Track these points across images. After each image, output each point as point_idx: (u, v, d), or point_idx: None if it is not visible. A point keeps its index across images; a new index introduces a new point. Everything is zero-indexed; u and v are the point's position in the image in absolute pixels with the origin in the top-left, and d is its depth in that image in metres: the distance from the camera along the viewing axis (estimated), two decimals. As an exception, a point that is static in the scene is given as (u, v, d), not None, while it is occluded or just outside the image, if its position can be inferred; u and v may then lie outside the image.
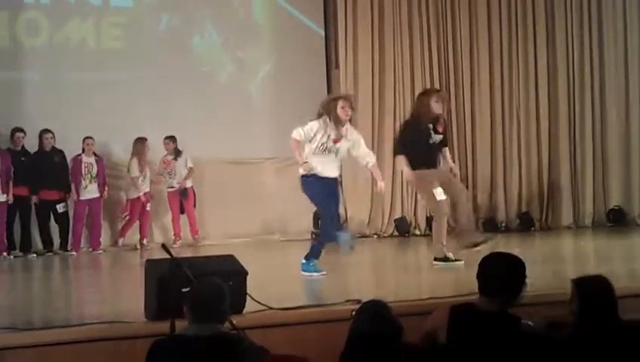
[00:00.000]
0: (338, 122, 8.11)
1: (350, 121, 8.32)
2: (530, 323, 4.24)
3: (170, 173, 12.59)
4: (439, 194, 8.64)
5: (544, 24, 14.23)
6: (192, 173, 12.60)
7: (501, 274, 4.25)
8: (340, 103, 8.17)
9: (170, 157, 12.60)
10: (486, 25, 14.02)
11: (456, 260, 8.46)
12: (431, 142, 8.75)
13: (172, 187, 12.59)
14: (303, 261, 8.13)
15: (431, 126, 8.76)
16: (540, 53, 14.18)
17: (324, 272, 8.02)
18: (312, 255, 8.13)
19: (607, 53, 14.36)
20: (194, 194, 12.64)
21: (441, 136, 8.85)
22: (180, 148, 12.58)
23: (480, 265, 4.32)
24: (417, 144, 8.71)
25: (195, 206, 12.63)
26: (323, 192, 8.14)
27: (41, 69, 12.45)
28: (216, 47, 13.32)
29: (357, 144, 8.35)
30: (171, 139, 12.57)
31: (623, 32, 14.38)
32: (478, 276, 4.29)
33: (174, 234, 12.54)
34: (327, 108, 8.18)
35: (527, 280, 4.30)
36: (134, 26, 12.92)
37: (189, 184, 12.58)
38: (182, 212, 12.60)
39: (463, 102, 13.90)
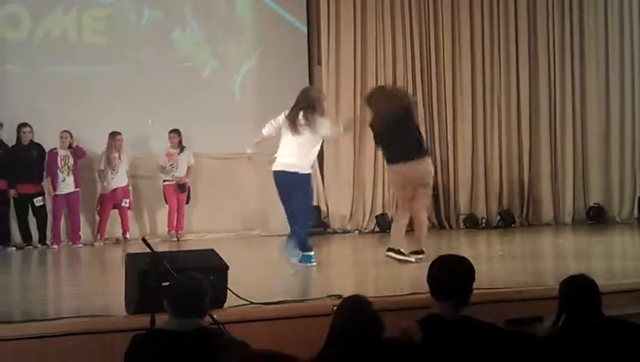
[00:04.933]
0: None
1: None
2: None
3: (172, 166, 12.59)
4: None
5: (525, 18, 14.25)
6: (192, 169, 12.69)
7: (451, 278, 4.25)
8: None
9: (173, 151, 12.60)
10: (468, 23, 14.02)
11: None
12: None
13: (170, 181, 12.57)
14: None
15: None
16: (521, 50, 14.20)
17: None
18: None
19: (587, 52, 14.38)
20: (189, 190, 12.67)
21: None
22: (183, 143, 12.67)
23: (430, 268, 4.32)
24: None
25: (188, 202, 12.66)
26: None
27: (22, 62, 12.36)
28: (198, 43, 13.28)
29: None
30: (176, 132, 12.59)
31: (604, 32, 14.43)
32: (429, 280, 4.29)
33: (170, 227, 12.50)
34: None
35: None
36: (116, 20, 12.87)
37: (186, 178, 12.64)
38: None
39: (445, 100, 13.91)
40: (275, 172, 8.56)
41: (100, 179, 12.35)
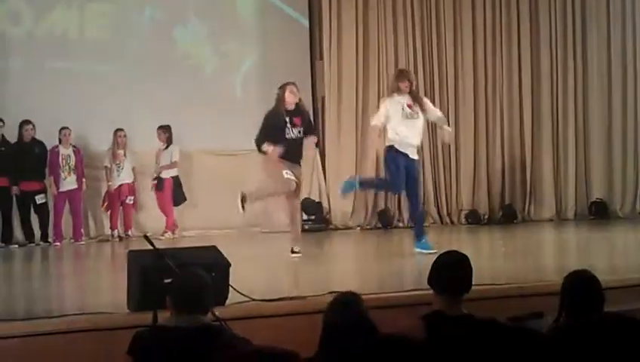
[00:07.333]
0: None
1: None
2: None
3: (156, 163, 12.53)
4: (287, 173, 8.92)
5: (527, 12, 14.22)
6: (174, 165, 12.52)
7: (457, 273, 4.32)
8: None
9: (162, 147, 12.55)
10: (470, 17, 14.01)
11: None
12: (287, 136, 8.87)
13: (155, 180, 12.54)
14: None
15: (287, 119, 8.88)
16: (523, 46, 14.19)
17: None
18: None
19: (589, 48, 14.39)
20: (180, 186, 12.59)
21: (299, 129, 8.95)
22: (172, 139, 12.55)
23: (434, 263, 4.39)
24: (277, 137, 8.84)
25: (185, 199, 12.60)
26: None
27: (23, 58, 12.35)
28: (200, 39, 13.27)
29: None
30: (164, 128, 12.49)
31: (605, 23, 14.41)
32: (432, 274, 4.36)
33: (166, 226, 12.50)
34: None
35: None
36: (118, 16, 12.86)
37: (165, 175, 12.49)
38: (176, 204, 12.57)
39: (447, 95, 13.89)
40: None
41: (106, 176, 12.33)
